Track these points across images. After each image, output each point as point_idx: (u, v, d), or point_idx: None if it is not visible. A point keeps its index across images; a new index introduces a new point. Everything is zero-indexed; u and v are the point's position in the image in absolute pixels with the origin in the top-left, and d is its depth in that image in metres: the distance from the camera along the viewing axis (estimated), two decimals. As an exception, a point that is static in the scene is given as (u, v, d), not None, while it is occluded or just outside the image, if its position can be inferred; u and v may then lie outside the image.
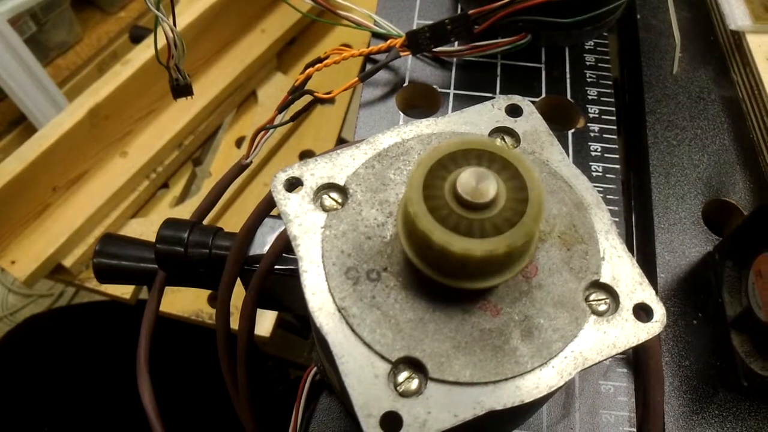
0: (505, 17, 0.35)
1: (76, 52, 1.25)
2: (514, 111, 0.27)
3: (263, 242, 0.37)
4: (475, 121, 0.27)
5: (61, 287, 1.25)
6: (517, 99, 0.27)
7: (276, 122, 0.39)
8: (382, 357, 0.21)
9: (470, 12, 0.35)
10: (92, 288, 0.75)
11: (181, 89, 0.39)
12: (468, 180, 0.20)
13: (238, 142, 0.85)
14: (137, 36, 0.86)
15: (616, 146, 0.37)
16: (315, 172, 0.25)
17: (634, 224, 0.39)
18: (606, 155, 0.37)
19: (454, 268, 0.21)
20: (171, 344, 0.76)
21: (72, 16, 1.23)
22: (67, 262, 0.71)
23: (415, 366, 0.21)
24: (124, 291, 0.75)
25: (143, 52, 0.74)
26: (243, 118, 0.86)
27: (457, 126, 0.26)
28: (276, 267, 0.36)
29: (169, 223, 0.38)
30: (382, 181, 0.25)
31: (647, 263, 0.36)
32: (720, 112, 0.41)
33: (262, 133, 0.40)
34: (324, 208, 0.24)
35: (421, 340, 0.22)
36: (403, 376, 0.21)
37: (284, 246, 0.35)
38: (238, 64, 0.83)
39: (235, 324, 0.36)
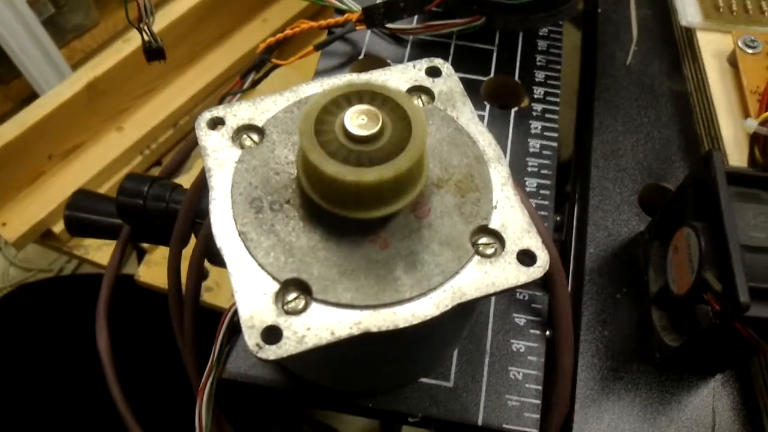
0: (455, -4, 0.37)
1: (92, 35, 1.28)
2: (434, 72, 0.29)
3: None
4: (396, 78, 0.28)
5: (60, 263, 1.28)
6: (438, 61, 0.29)
7: (243, 88, 0.41)
8: (273, 277, 0.23)
9: (422, -11, 0.37)
10: (80, 256, 0.77)
11: (154, 52, 0.41)
12: (354, 115, 0.22)
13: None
14: (145, 19, 0.89)
15: (556, 126, 0.39)
16: (237, 114, 0.27)
17: (576, 205, 0.40)
18: (545, 133, 0.38)
19: (347, 198, 0.22)
20: (151, 315, 0.78)
21: (90, 1, 1.27)
22: (57, 228, 0.74)
23: (303, 288, 0.23)
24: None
25: (144, 32, 0.76)
26: (240, 104, 0.88)
27: (377, 81, 0.28)
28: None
29: (132, 177, 0.40)
30: (297, 125, 0.27)
31: (580, 239, 0.37)
32: (669, 104, 0.42)
33: (229, 97, 0.42)
34: (242, 146, 0.26)
35: (310, 265, 0.23)
36: (291, 296, 0.23)
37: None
38: (237, 50, 0.86)
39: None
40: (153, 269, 0.77)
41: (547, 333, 0.33)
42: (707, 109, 0.40)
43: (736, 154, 0.37)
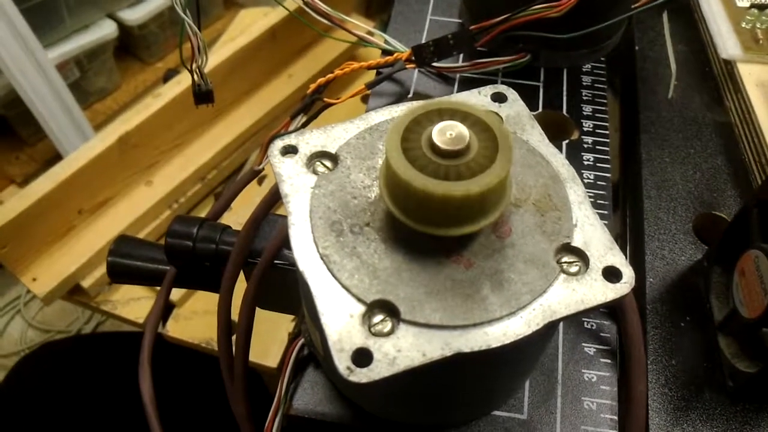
0: (504, 32, 0.38)
1: (114, 98, 1.32)
2: (499, 98, 0.29)
3: (268, 236, 0.38)
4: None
5: (80, 324, 1.27)
6: (502, 88, 0.29)
7: (290, 129, 0.42)
8: (358, 299, 0.23)
9: (471, 27, 0.38)
10: (108, 311, 0.76)
11: (203, 95, 0.42)
12: (442, 130, 0.22)
13: (260, 180, 0.88)
14: (169, 78, 0.91)
15: (608, 157, 0.39)
16: (309, 141, 0.27)
17: (627, 235, 0.40)
18: (598, 165, 0.39)
19: (433, 214, 0.22)
20: (180, 372, 0.77)
21: (113, 65, 1.30)
22: (86, 283, 0.74)
23: (389, 309, 0.22)
24: (138, 315, 0.76)
25: (174, 87, 0.78)
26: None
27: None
28: (276, 261, 0.37)
29: (180, 219, 0.40)
30: (371, 150, 0.27)
31: (638, 269, 0.37)
32: (713, 135, 0.42)
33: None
34: (315, 173, 0.26)
35: (395, 286, 0.23)
36: (377, 318, 0.22)
37: (285, 240, 0.37)
38: (264, 105, 0.88)
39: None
40: (181, 324, 0.76)
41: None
42: (755, 138, 0.40)
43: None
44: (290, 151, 0.27)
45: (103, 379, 0.78)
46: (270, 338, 0.73)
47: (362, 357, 0.21)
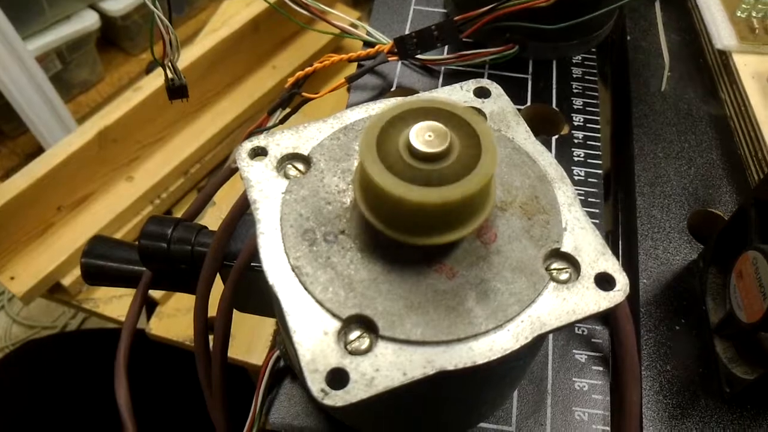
0: (490, 23, 0.36)
1: (98, 90, 1.29)
2: (482, 93, 0.27)
3: (245, 237, 0.37)
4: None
5: (65, 319, 1.25)
6: (485, 82, 0.27)
7: (269, 125, 0.40)
8: (333, 314, 0.21)
9: (455, 18, 0.36)
10: (89, 309, 0.75)
11: (177, 90, 0.40)
12: (420, 132, 0.20)
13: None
14: (152, 70, 0.89)
15: (600, 153, 0.37)
16: (280, 143, 0.25)
17: (619, 234, 0.38)
18: (589, 161, 0.37)
19: (412, 222, 0.21)
20: (163, 370, 0.76)
21: (96, 56, 1.27)
22: (66, 281, 0.72)
23: (367, 325, 0.21)
24: (120, 313, 0.75)
25: (154, 80, 0.76)
26: (250, 151, 0.87)
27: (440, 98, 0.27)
28: (253, 264, 0.36)
29: (155, 219, 0.39)
30: (346, 152, 0.25)
31: (631, 269, 0.35)
32: (708, 129, 0.41)
33: (255, 135, 0.40)
34: (287, 177, 0.24)
35: (373, 299, 0.21)
36: (354, 335, 0.21)
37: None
38: (247, 97, 0.86)
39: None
40: (164, 321, 0.74)
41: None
42: (751, 132, 0.39)
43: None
44: (259, 153, 0.25)
45: (87, 376, 0.77)
46: (255, 335, 0.71)
47: (338, 378, 0.20)
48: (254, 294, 0.38)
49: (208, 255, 0.36)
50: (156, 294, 0.74)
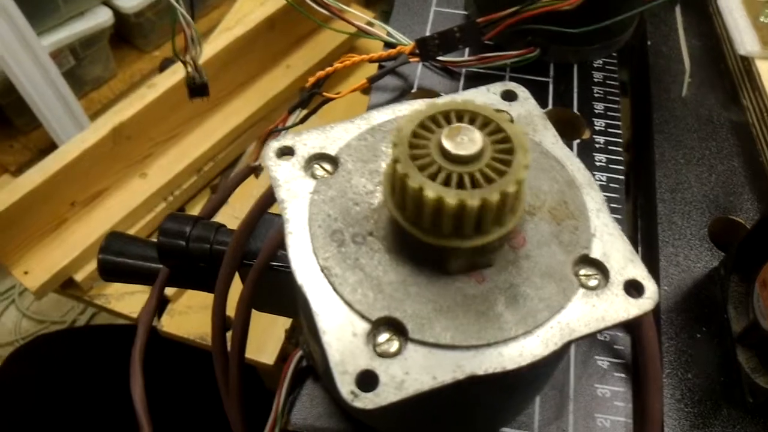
0: (512, 26, 0.36)
1: (110, 86, 1.29)
2: (509, 96, 0.27)
3: (264, 237, 0.37)
4: (470, 102, 0.27)
5: (74, 314, 1.26)
6: (512, 85, 0.27)
7: (288, 124, 0.40)
8: (362, 316, 0.21)
9: (478, 20, 0.36)
10: (101, 305, 0.75)
11: (198, 88, 0.40)
12: (452, 134, 0.20)
13: (257, 173, 0.86)
14: (166, 67, 0.89)
15: (621, 158, 0.37)
16: (307, 143, 0.25)
17: (639, 240, 0.38)
18: (611, 166, 0.37)
19: (444, 225, 0.20)
20: (173, 367, 0.76)
21: (109, 53, 1.28)
22: (79, 277, 0.72)
23: (396, 327, 0.21)
24: (132, 310, 0.75)
25: (169, 78, 0.76)
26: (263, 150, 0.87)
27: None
28: (273, 263, 0.36)
29: (173, 217, 0.39)
30: (373, 153, 0.25)
31: (651, 276, 0.35)
32: (729, 135, 0.41)
33: (273, 135, 0.40)
34: (314, 177, 0.24)
35: (402, 302, 0.21)
36: (383, 337, 0.21)
37: (282, 241, 0.35)
38: (261, 96, 0.85)
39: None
40: (176, 319, 0.74)
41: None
42: (773, 139, 0.38)
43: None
44: (287, 152, 0.25)
45: (97, 372, 0.77)
46: (266, 335, 0.71)
47: (367, 380, 0.20)
48: (272, 293, 0.38)
49: (228, 254, 0.36)
50: (168, 291, 0.74)
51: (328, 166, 0.25)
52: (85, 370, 0.78)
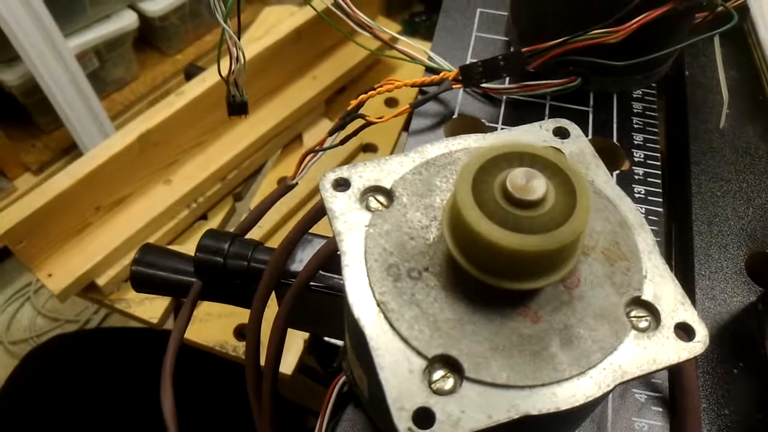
0: (557, 56, 0.36)
1: (131, 88, 1.31)
2: (561, 133, 0.27)
3: (303, 258, 0.37)
4: (522, 139, 0.27)
5: (89, 313, 1.27)
6: (564, 122, 0.28)
7: (326, 145, 0.40)
8: (419, 353, 0.21)
9: (523, 50, 0.37)
10: (121, 309, 0.75)
11: (237, 106, 0.41)
12: (518, 178, 0.20)
13: (280, 182, 0.86)
14: (191, 74, 0.90)
15: (660, 190, 0.37)
16: (363, 175, 0.26)
17: (674, 271, 0.38)
18: (650, 198, 0.37)
19: (500, 266, 0.21)
20: (192, 373, 0.76)
21: (132, 56, 1.29)
22: (101, 281, 0.73)
23: (451, 365, 0.21)
24: (152, 315, 0.75)
25: (197, 86, 0.77)
26: (287, 159, 0.87)
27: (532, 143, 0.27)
28: (312, 283, 0.36)
29: (211, 233, 0.39)
30: (428, 187, 0.25)
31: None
32: (767, 168, 0.41)
33: (311, 155, 0.41)
34: (369, 209, 0.25)
35: (458, 340, 0.21)
36: (438, 374, 0.21)
37: (322, 262, 0.35)
38: (286, 106, 0.86)
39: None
40: (196, 326, 0.75)
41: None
42: (811, 175, 0.38)
43: None
44: (342, 184, 0.25)
45: (113, 374, 0.78)
46: (286, 346, 0.72)
47: (424, 417, 0.20)
48: (306, 313, 0.38)
49: (266, 272, 0.36)
50: (188, 298, 0.75)
51: (382, 199, 0.25)
52: (101, 372, 0.78)
